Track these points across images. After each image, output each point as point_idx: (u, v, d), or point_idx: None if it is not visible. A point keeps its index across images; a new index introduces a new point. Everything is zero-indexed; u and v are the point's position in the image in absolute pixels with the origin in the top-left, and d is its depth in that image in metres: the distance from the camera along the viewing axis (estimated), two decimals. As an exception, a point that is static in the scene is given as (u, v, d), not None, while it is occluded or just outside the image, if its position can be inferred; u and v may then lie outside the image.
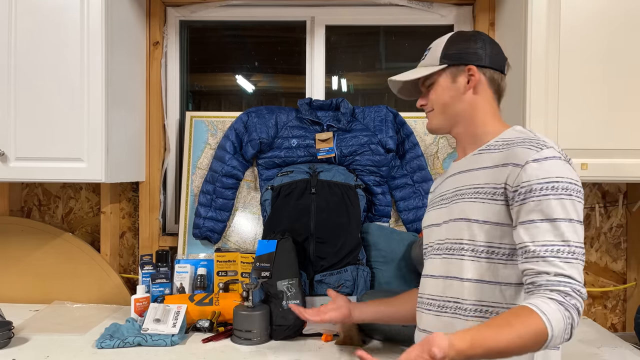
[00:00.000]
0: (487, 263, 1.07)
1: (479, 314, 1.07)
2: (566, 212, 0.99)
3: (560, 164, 1.02)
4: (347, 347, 1.59)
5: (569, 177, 1.01)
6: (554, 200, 0.99)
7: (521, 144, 1.06)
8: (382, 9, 2.11)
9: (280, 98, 2.25)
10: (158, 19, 2.08)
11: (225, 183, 1.97)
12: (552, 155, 1.02)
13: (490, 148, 1.13)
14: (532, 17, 1.62)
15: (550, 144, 1.05)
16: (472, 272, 1.09)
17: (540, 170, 1.01)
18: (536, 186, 1.00)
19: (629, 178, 1.63)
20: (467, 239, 1.10)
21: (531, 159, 1.02)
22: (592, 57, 1.62)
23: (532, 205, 1.00)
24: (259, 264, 1.70)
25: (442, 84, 1.20)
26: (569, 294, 0.95)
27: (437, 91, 1.21)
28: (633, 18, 1.60)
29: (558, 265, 0.97)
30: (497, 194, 1.06)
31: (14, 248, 2.06)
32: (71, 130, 1.72)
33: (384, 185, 1.96)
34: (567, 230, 0.98)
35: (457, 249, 1.12)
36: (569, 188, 1.00)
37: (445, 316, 1.12)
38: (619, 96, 1.61)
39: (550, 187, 0.99)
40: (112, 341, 1.55)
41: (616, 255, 2.03)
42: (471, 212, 1.09)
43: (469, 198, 1.11)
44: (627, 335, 1.82)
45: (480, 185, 1.10)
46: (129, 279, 2.14)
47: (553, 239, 0.98)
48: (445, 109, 1.20)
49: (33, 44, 1.72)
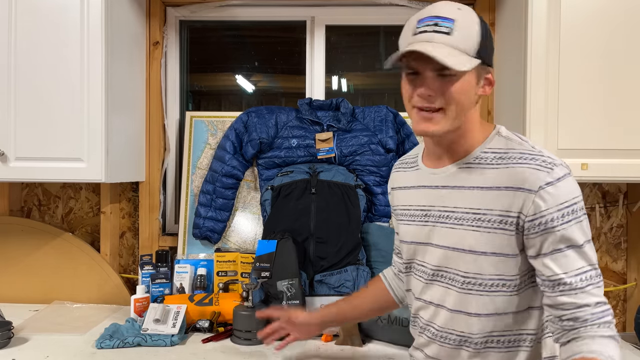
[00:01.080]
0: (500, 296, 1.02)
1: (490, 344, 1.04)
2: (585, 233, 0.96)
3: (571, 182, 0.96)
4: (347, 347, 1.59)
5: (579, 194, 0.97)
6: (575, 225, 0.95)
7: (524, 162, 0.97)
8: (382, 9, 2.11)
9: (280, 98, 2.25)
10: (158, 19, 2.08)
11: (225, 183, 1.97)
12: (563, 174, 0.96)
13: (481, 162, 1.02)
14: (532, 17, 1.62)
15: (557, 160, 0.98)
16: (482, 307, 1.03)
17: (558, 196, 0.94)
18: (557, 214, 0.94)
19: (629, 178, 1.63)
20: (474, 272, 1.02)
21: (544, 183, 0.95)
22: (592, 57, 1.61)
23: (558, 235, 0.95)
24: (259, 264, 1.70)
25: (470, 82, 0.98)
26: (611, 322, 0.94)
27: (460, 88, 0.97)
28: (633, 18, 1.60)
29: (595, 293, 0.95)
30: (508, 223, 0.98)
31: (14, 248, 2.06)
32: (71, 130, 1.72)
33: (384, 185, 1.96)
34: (589, 251, 0.95)
35: (461, 282, 1.04)
36: (583, 207, 0.97)
37: (449, 347, 1.08)
38: (619, 96, 1.61)
39: (571, 212, 0.94)
40: (112, 341, 1.55)
41: (616, 255, 2.03)
42: (477, 243, 1.01)
43: (469, 226, 1.01)
44: (627, 335, 1.81)
45: (482, 212, 1.00)
46: (128, 279, 2.14)
47: (583, 266, 0.95)
48: (461, 112, 0.99)
49: (33, 44, 1.72)
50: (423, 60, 0.96)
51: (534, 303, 1.04)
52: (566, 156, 1.62)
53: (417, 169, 1.15)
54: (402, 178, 1.20)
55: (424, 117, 1.00)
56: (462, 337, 1.05)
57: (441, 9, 0.98)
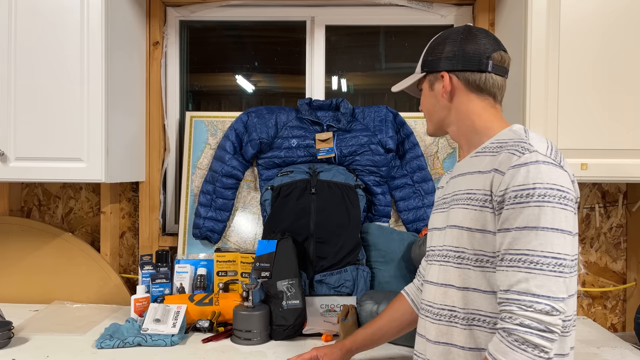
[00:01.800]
0: (480, 272, 1.04)
1: (471, 322, 1.05)
2: (534, 220, 0.94)
3: (539, 168, 0.96)
4: (347, 347, 1.59)
5: (551, 182, 0.95)
6: (526, 209, 0.94)
7: (510, 147, 1.02)
8: (382, 9, 2.11)
9: (280, 98, 2.25)
10: (158, 19, 2.08)
11: (225, 183, 1.97)
12: (532, 160, 0.97)
13: (486, 150, 1.09)
14: (532, 17, 1.62)
15: (536, 147, 1.00)
16: (462, 280, 1.06)
17: (517, 179, 0.96)
18: (511, 194, 0.96)
19: (629, 178, 1.63)
20: (460, 246, 1.07)
21: (510, 165, 0.98)
22: (592, 57, 1.62)
23: (505, 214, 0.97)
24: (259, 264, 1.70)
25: (425, 92, 1.20)
26: (514, 313, 0.92)
27: (422, 99, 1.22)
28: (633, 18, 1.60)
29: (514, 277, 0.94)
30: (487, 201, 1.02)
31: (14, 248, 2.06)
32: (71, 130, 1.72)
33: (384, 185, 1.96)
34: (534, 238, 0.93)
35: (452, 257, 1.09)
36: (548, 194, 0.94)
37: (442, 324, 1.10)
38: (619, 96, 1.61)
39: (525, 195, 0.95)
40: (112, 341, 1.55)
41: (616, 255, 2.03)
42: (463, 219, 1.06)
43: (462, 204, 1.08)
44: (627, 335, 1.82)
45: (472, 191, 1.06)
46: (128, 279, 2.15)
47: (520, 249, 0.94)
48: (430, 116, 1.21)
49: (33, 44, 1.72)
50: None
51: None
52: (566, 156, 1.61)
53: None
54: (443, 179, 1.29)
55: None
56: (451, 311, 1.08)
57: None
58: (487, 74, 1.12)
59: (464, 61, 1.12)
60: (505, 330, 0.93)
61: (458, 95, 1.14)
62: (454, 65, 1.13)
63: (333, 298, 1.71)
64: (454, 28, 1.17)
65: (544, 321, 0.91)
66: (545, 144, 1.02)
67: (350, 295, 1.74)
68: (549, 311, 0.91)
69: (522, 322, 0.91)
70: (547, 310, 0.91)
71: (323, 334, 1.66)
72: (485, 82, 1.12)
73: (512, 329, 0.92)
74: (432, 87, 1.17)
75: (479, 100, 1.13)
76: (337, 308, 1.69)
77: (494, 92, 1.13)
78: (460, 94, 1.14)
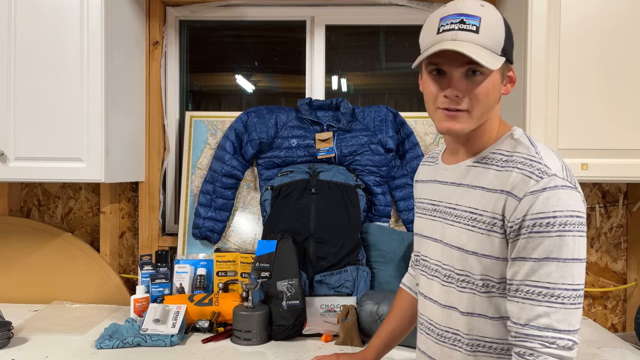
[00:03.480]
0: (486, 297, 0.99)
1: (476, 348, 1.01)
2: (554, 251, 0.89)
3: (560, 194, 0.90)
4: (347, 347, 1.59)
5: (570, 209, 0.89)
6: (545, 239, 0.89)
7: (522, 167, 0.94)
8: (382, 9, 2.11)
9: (280, 98, 2.25)
10: (158, 18, 2.08)
11: (225, 183, 1.97)
12: (552, 185, 0.90)
13: (488, 162, 1.00)
14: (532, 17, 1.62)
15: (554, 170, 0.92)
16: (467, 305, 1.01)
17: (537, 206, 0.90)
18: (530, 222, 0.90)
19: (629, 178, 1.63)
20: (465, 269, 1.01)
21: (529, 190, 0.91)
22: (592, 57, 1.61)
23: (523, 243, 0.91)
24: (259, 264, 1.70)
25: (495, 81, 0.97)
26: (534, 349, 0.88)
27: (486, 88, 0.96)
28: (633, 18, 1.60)
29: (532, 312, 0.90)
30: (496, 226, 0.95)
31: (13, 248, 2.06)
32: (71, 130, 1.72)
33: (384, 185, 1.96)
34: (554, 271, 0.89)
35: (455, 279, 1.03)
36: (569, 223, 0.89)
37: (445, 346, 1.07)
38: (619, 96, 1.61)
39: (545, 224, 0.89)
40: (112, 341, 1.55)
41: (616, 255, 2.03)
42: (468, 242, 1.00)
43: (465, 224, 1.00)
44: (627, 336, 1.82)
45: (478, 212, 0.99)
46: (128, 279, 2.14)
47: (539, 280, 0.90)
48: (485, 112, 0.98)
49: (33, 44, 1.72)
50: (451, 59, 0.94)
51: None
52: (566, 156, 1.62)
53: (436, 164, 1.16)
54: (423, 171, 1.21)
55: (448, 115, 0.97)
56: (455, 335, 1.04)
57: (465, 5, 0.95)
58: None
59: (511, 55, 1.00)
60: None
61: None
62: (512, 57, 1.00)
63: (333, 298, 1.71)
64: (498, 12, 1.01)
65: (565, 357, 0.88)
66: (559, 164, 0.95)
67: (350, 296, 1.74)
68: (571, 346, 0.88)
69: (545, 359, 0.88)
70: (569, 346, 0.88)
71: (323, 334, 1.66)
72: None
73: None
74: (503, 79, 1.00)
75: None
76: (337, 308, 1.69)
77: None
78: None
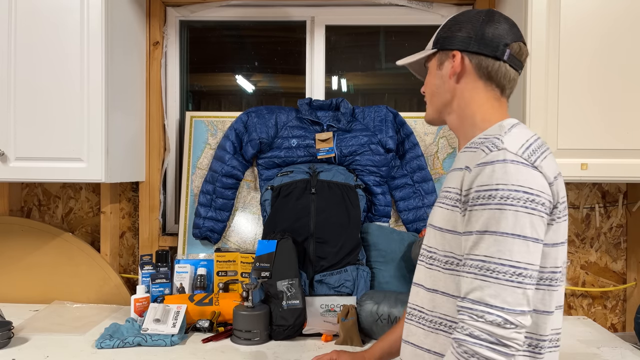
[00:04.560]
0: (449, 275, 0.98)
1: (438, 326, 1.00)
2: (499, 224, 0.87)
3: (505, 168, 0.89)
4: (347, 347, 1.59)
5: (517, 184, 0.88)
6: (485, 211, 0.88)
7: (482, 144, 0.96)
8: (382, 9, 2.11)
9: (280, 98, 2.25)
10: (158, 19, 2.08)
11: (225, 183, 1.97)
12: (498, 158, 0.90)
13: (472, 146, 1.01)
14: (532, 17, 1.62)
15: (506, 144, 0.92)
16: (432, 282, 1.02)
17: (481, 178, 0.90)
18: (474, 194, 0.90)
19: (629, 178, 1.63)
20: (433, 247, 1.03)
21: (476, 163, 0.92)
22: (592, 57, 1.62)
23: (468, 216, 0.91)
24: (259, 264, 1.70)
25: (431, 71, 1.11)
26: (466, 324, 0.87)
27: (427, 78, 1.13)
28: (633, 18, 1.60)
29: (467, 285, 0.89)
30: (457, 201, 0.96)
31: (14, 248, 2.06)
32: (71, 130, 1.72)
33: (384, 185, 1.96)
34: (492, 245, 0.87)
35: (425, 256, 1.05)
36: (511, 197, 0.87)
37: (411, 324, 1.06)
38: (619, 96, 1.61)
39: (487, 196, 0.88)
40: (112, 341, 1.55)
41: (616, 255, 2.03)
42: (438, 218, 1.01)
43: (440, 202, 1.03)
44: (627, 335, 1.82)
45: (448, 189, 1.01)
46: (128, 279, 2.14)
47: (477, 254, 0.89)
48: (432, 98, 1.11)
49: (33, 44, 1.72)
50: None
51: None
52: (566, 156, 1.62)
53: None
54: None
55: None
56: (422, 312, 1.04)
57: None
58: (502, 63, 1.02)
59: (480, 43, 1.02)
60: (456, 340, 0.88)
61: (466, 79, 1.05)
62: (469, 46, 1.03)
63: (333, 298, 1.71)
64: (477, 9, 1.10)
65: (495, 333, 0.84)
66: (521, 141, 0.94)
67: (350, 296, 1.74)
68: (501, 323, 0.84)
69: (471, 332, 0.86)
70: (498, 322, 0.84)
71: (323, 334, 1.66)
72: (498, 70, 1.03)
73: (462, 339, 0.87)
74: (441, 65, 1.08)
75: (485, 90, 1.04)
76: (337, 308, 1.69)
77: (503, 84, 1.04)
78: (468, 78, 1.05)
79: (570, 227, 2.03)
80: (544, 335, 0.96)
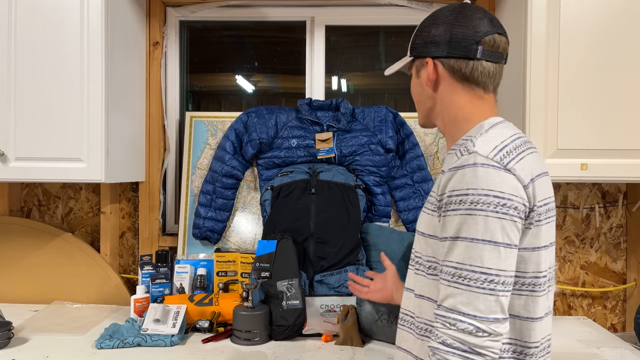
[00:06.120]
0: (432, 280, 0.97)
1: (424, 332, 0.99)
2: (469, 229, 0.86)
3: (476, 172, 0.87)
4: (347, 347, 1.59)
5: (487, 188, 0.85)
6: (458, 217, 0.87)
7: (457, 146, 0.96)
8: (382, 9, 2.11)
9: (280, 98, 2.25)
10: (158, 19, 2.08)
11: (225, 183, 1.97)
12: (471, 162, 0.88)
13: (455, 148, 0.99)
14: (532, 16, 1.62)
15: (477, 147, 0.90)
16: (418, 287, 1.01)
17: (453, 183, 0.89)
18: (447, 199, 0.89)
19: (629, 178, 1.63)
20: (418, 251, 1.02)
21: (449, 167, 0.91)
22: (592, 57, 1.61)
23: (442, 221, 0.90)
24: (259, 264, 1.70)
25: (413, 78, 1.11)
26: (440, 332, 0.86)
27: (411, 85, 1.13)
28: (633, 17, 1.60)
29: (444, 292, 0.87)
30: (437, 205, 0.95)
31: (14, 248, 2.06)
32: (71, 130, 1.72)
33: (384, 186, 1.96)
34: (464, 251, 0.86)
35: (413, 261, 1.05)
36: (481, 202, 0.85)
37: (403, 329, 1.06)
38: (618, 96, 1.61)
39: (458, 202, 0.87)
40: (112, 341, 1.55)
41: (616, 255, 2.03)
42: (421, 223, 1.01)
43: (425, 207, 1.02)
44: (627, 336, 1.82)
45: (431, 193, 1.00)
46: (128, 279, 2.14)
47: (451, 261, 0.87)
48: (418, 104, 1.11)
49: (33, 44, 1.72)
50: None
51: None
52: (566, 156, 1.62)
53: None
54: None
55: None
56: (412, 318, 1.03)
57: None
58: (476, 62, 0.99)
59: (449, 46, 0.99)
60: (431, 348, 0.87)
61: (442, 84, 1.03)
62: (439, 51, 1.01)
63: (333, 298, 1.71)
64: (447, 6, 1.04)
65: (467, 342, 0.83)
66: (494, 143, 0.91)
67: (350, 296, 1.74)
68: (472, 331, 0.83)
69: (444, 340, 0.85)
70: (470, 330, 0.83)
71: (323, 334, 1.66)
72: (473, 70, 0.99)
73: (435, 347, 0.86)
74: (419, 73, 1.07)
75: (463, 91, 1.01)
76: (337, 308, 1.69)
77: (482, 81, 1.01)
78: (444, 83, 1.03)
79: (570, 227, 2.03)
80: (531, 342, 0.93)
